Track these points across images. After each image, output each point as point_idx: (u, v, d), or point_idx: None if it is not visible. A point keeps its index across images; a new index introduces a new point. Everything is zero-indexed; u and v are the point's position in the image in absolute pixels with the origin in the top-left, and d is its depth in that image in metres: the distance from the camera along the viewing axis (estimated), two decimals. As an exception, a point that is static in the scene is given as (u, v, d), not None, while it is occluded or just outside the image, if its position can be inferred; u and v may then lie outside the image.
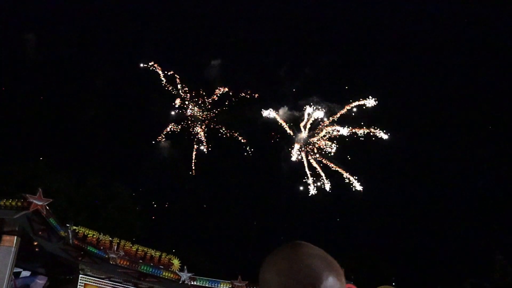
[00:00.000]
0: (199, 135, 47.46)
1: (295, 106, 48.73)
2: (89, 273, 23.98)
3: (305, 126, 47.99)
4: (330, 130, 48.01)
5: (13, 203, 19.64)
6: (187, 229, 45.88)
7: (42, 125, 45.84)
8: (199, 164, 46.50)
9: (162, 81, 46.57)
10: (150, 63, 46.37)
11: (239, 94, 48.20)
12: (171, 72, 46.69)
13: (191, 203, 46.45)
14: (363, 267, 40.42)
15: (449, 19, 55.49)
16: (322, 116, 48.11)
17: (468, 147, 52.22)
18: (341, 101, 48.50)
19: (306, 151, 48.12)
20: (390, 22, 56.66)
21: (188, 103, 47.43)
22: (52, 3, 50.22)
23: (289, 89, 50.51)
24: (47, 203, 20.44)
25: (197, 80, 49.92)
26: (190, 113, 47.60)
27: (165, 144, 46.78)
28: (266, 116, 47.48)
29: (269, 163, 51.63)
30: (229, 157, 48.68)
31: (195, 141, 47.22)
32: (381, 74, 55.94)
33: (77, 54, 50.19)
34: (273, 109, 47.77)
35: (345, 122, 48.42)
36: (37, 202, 19.85)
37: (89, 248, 23.72)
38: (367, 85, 52.29)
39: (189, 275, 26.92)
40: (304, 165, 48.19)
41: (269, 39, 55.75)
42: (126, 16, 52.27)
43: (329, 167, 47.92)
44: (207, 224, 46.93)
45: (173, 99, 47.29)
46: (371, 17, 57.66)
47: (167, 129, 46.52)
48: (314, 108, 47.80)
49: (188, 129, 47.49)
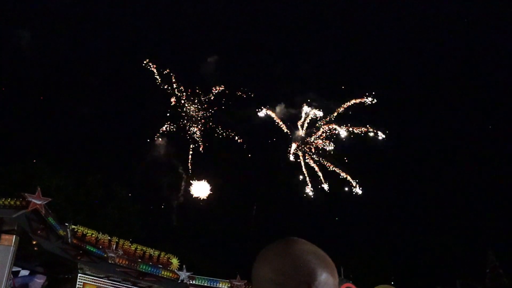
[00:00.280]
0: (195, 135, 47.46)
1: (292, 104, 48.80)
2: (87, 272, 23.95)
3: (303, 125, 48.04)
4: (327, 129, 48.05)
5: (12, 202, 19.63)
6: (185, 228, 45.89)
7: (41, 125, 45.83)
8: (195, 163, 46.46)
9: (157, 80, 46.57)
10: (145, 61, 46.32)
11: (236, 93, 48.20)
12: (167, 70, 46.69)
13: (188, 202, 46.44)
14: (362, 266, 40.45)
15: (448, 20, 55.53)
16: (319, 114, 48.19)
17: (464, 148, 52.37)
18: (338, 99, 48.58)
19: (303, 151, 48.16)
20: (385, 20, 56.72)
21: (184, 102, 47.41)
22: (48, 0, 50.03)
23: (286, 88, 50.55)
24: (46, 202, 20.44)
25: (194, 79, 50.01)
26: (186, 112, 47.61)
27: (161, 143, 46.70)
28: (262, 115, 47.57)
29: (267, 162, 51.67)
30: (226, 156, 48.59)
31: (190, 141, 47.23)
32: (380, 73, 56.03)
33: (75, 54, 50.19)
34: (270, 107, 47.86)
35: (343, 121, 48.53)
36: (36, 201, 19.84)
37: (88, 247, 23.72)
38: (364, 84, 52.41)
39: (188, 274, 26.93)
40: (301, 164, 48.30)
41: (266, 38, 55.84)
42: (125, 15, 52.26)
43: (327, 166, 47.98)
44: (206, 223, 46.93)
45: (169, 98, 47.34)
46: (369, 17, 57.74)
47: (163, 128, 46.46)
48: (311, 107, 47.88)
49: (184, 128, 47.52)
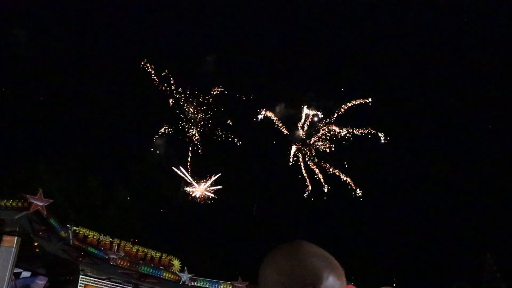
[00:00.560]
0: (194, 137, 47.45)
1: (292, 105, 48.78)
2: (89, 274, 23.97)
3: (303, 126, 48.04)
4: (327, 130, 48.03)
5: (14, 204, 19.65)
6: (187, 230, 45.86)
7: (42, 126, 45.84)
8: (195, 164, 46.38)
9: (155, 81, 46.62)
10: (143, 62, 46.36)
11: (235, 93, 48.20)
12: (166, 71, 46.73)
13: (189, 203, 46.41)
14: (364, 268, 40.40)
15: (448, 19, 55.58)
16: (319, 116, 48.18)
17: (464, 149, 52.34)
18: (338, 101, 48.57)
19: (303, 153, 48.14)
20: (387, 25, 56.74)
21: (183, 103, 47.44)
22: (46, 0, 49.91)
23: (286, 88, 50.54)
24: (47, 204, 20.45)
25: (192, 79, 50.03)
26: (185, 113, 47.64)
27: (161, 144, 46.60)
28: (261, 116, 47.56)
29: (268, 164, 51.61)
30: (225, 158, 48.49)
31: (191, 143, 47.20)
32: (380, 74, 55.98)
33: (75, 54, 50.16)
34: (269, 109, 47.89)
35: (343, 122, 48.51)
36: (37, 202, 19.86)
37: (89, 248, 23.73)
38: (364, 84, 52.40)
39: (190, 276, 26.91)
40: (301, 165, 48.25)
41: (265, 37, 55.83)
42: (123, 15, 52.20)
43: (327, 168, 47.96)
44: (208, 225, 46.93)
45: (167, 99, 47.36)
46: (369, 19, 57.75)
47: (162, 130, 46.40)
48: (311, 108, 47.88)
49: (183, 129, 47.52)
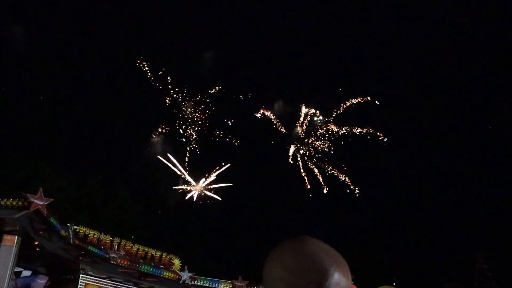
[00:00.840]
0: (191, 137, 47.43)
1: (290, 105, 48.77)
2: (89, 273, 23.99)
3: (301, 126, 48.03)
4: (325, 130, 48.03)
5: (14, 203, 19.65)
6: (187, 229, 45.88)
7: (42, 125, 45.83)
8: (193, 164, 46.33)
9: (151, 79, 46.62)
10: (139, 61, 46.32)
11: (233, 92, 48.20)
12: (163, 70, 46.74)
13: (190, 203, 46.42)
14: (364, 267, 40.39)
15: (448, 18, 55.54)
16: (318, 115, 48.18)
17: (461, 149, 52.37)
18: (337, 100, 48.57)
19: (302, 151, 48.14)
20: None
21: (180, 101, 47.42)
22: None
23: (284, 87, 50.52)
24: (47, 203, 20.45)
25: (190, 78, 50.01)
26: (182, 113, 47.58)
27: (159, 143, 46.50)
28: (260, 115, 47.54)
29: (267, 163, 51.59)
30: (223, 157, 48.44)
31: (187, 143, 47.16)
32: (378, 73, 56.03)
33: (73, 53, 50.14)
34: (268, 108, 47.87)
35: (341, 122, 48.52)
36: (37, 201, 19.86)
37: (89, 247, 23.73)
38: (363, 84, 52.40)
39: (190, 275, 26.93)
40: (300, 164, 48.25)
41: (263, 36, 55.75)
42: (121, 13, 52.01)
43: (325, 167, 47.96)
44: (208, 224, 46.95)
45: (165, 98, 47.33)
46: (368, 16, 57.63)
47: (159, 130, 46.35)
48: (310, 107, 47.87)
49: (181, 129, 47.47)
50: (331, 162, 47.83)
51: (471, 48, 54.24)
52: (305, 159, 48.23)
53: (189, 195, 45.07)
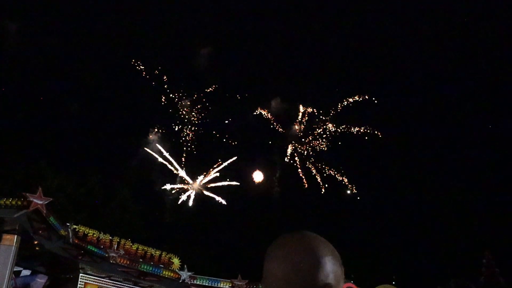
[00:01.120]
0: (187, 137, 47.40)
1: (288, 105, 48.77)
2: (89, 272, 24.00)
3: (299, 125, 48.04)
4: (323, 129, 48.06)
5: (13, 202, 19.64)
6: (187, 228, 45.87)
7: (42, 124, 45.82)
8: (189, 163, 46.27)
9: (150, 78, 46.65)
10: (135, 60, 46.36)
11: (229, 92, 48.20)
12: (158, 69, 46.71)
13: (188, 202, 46.39)
14: (363, 266, 40.43)
15: (447, 17, 55.55)
16: (316, 114, 48.21)
17: (463, 147, 52.40)
18: (335, 99, 48.58)
19: (300, 150, 48.17)
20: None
21: (176, 101, 47.39)
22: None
23: (282, 86, 50.50)
24: (47, 202, 20.44)
25: (186, 76, 49.99)
26: (179, 112, 47.56)
27: (154, 143, 46.35)
28: (257, 113, 47.53)
29: (264, 162, 51.48)
30: (221, 156, 48.36)
31: (184, 143, 47.12)
32: (377, 73, 55.98)
33: (72, 53, 50.01)
34: (265, 107, 47.90)
35: (339, 121, 48.54)
36: (37, 201, 19.85)
37: (89, 247, 23.73)
38: (361, 82, 52.41)
39: (189, 274, 26.93)
40: (298, 163, 48.27)
41: (261, 35, 55.59)
42: (117, 11, 51.84)
43: (323, 166, 47.98)
44: (207, 223, 46.93)
45: (161, 97, 47.27)
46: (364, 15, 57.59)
47: (155, 129, 46.26)
48: (307, 106, 47.89)
49: (176, 127, 47.43)
50: (329, 161, 47.89)
51: (470, 47, 54.31)
52: (303, 158, 48.28)
53: (186, 194, 44.99)
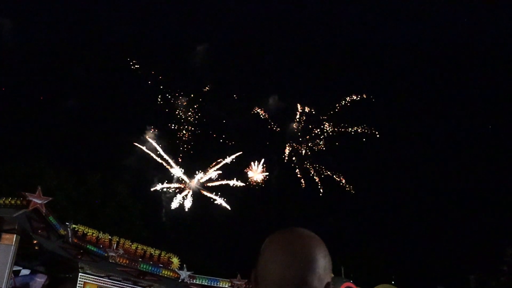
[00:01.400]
0: (184, 137, 47.33)
1: (286, 103, 48.74)
2: (88, 272, 23.98)
3: (297, 124, 48.03)
4: (320, 129, 48.08)
5: (13, 202, 19.64)
6: (186, 227, 45.88)
7: (41, 124, 45.78)
8: (186, 162, 46.16)
9: (146, 78, 46.63)
10: (131, 60, 46.30)
11: (226, 91, 48.16)
12: (156, 68, 46.72)
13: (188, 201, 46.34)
14: (362, 265, 40.45)
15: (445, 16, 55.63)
16: (313, 114, 48.22)
17: (467, 142, 52.40)
18: (332, 98, 48.57)
19: (298, 151, 48.17)
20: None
21: (172, 101, 47.32)
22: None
23: (280, 86, 50.46)
24: (46, 202, 20.44)
25: (182, 77, 49.92)
26: (175, 112, 47.48)
27: (151, 142, 46.25)
28: (255, 111, 47.51)
29: (262, 161, 51.42)
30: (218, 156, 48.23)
31: (180, 142, 47.06)
32: (375, 71, 55.99)
33: (70, 51, 49.92)
34: (262, 106, 47.88)
35: (337, 120, 48.53)
36: (36, 200, 19.84)
37: (88, 246, 23.73)
38: (359, 82, 52.42)
39: (189, 273, 26.94)
40: (296, 163, 48.27)
41: (258, 33, 55.53)
42: (113, 9, 51.78)
43: (321, 166, 47.99)
44: (207, 223, 46.93)
45: (157, 96, 47.20)
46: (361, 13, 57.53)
47: (152, 129, 46.16)
48: (304, 106, 47.91)
49: (173, 126, 47.38)
50: (327, 161, 47.90)
51: (469, 46, 54.31)
52: (301, 158, 48.29)
53: (183, 194, 44.90)
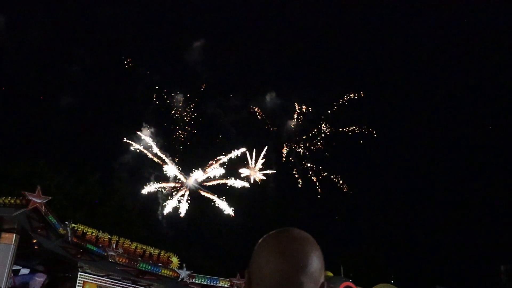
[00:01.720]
0: (180, 138, 47.31)
1: (283, 102, 48.71)
2: (88, 271, 23.98)
3: (294, 124, 48.06)
4: (318, 129, 48.10)
5: (12, 201, 19.64)
6: (185, 227, 45.86)
7: (41, 123, 45.76)
8: (183, 162, 46.08)
9: (143, 77, 46.65)
10: (125, 58, 46.33)
11: (222, 90, 48.13)
12: (152, 67, 46.77)
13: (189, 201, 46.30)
14: (362, 265, 40.47)
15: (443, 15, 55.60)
16: (310, 114, 48.22)
17: (465, 139, 52.48)
18: (329, 98, 48.56)
19: (295, 151, 48.17)
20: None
21: (168, 101, 47.30)
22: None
23: (277, 86, 50.36)
24: (46, 201, 20.45)
25: (179, 76, 49.90)
26: (171, 112, 47.46)
27: (148, 142, 46.15)
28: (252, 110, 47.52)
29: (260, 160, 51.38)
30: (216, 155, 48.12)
31: (177, 142, 47.04)
32: (373, 71, 56.02)
33: (69, 50, 49.92)
34: (260, 105, 47.89)
35: (334, 120, 48.53)
36: (36, 200, 19.85)
37: (88, 245, 23.74)
38: (358, 82, 52.37)
39: (188, 272, 26.95)
40: (294, 162, 48.27)
41: (255, 32, 55.53)
42: (108, 7, 51.58)
43: (319, 167, 48.00)
44: (206, 222, 46.91)
45: (152, 95, 47.17)
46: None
47: (147, 128, 46.12)
48: (302, 106, 47.92)
49: (169, 126, 47.39)
50: (325, 160, 47.91)
51: (469, 45, 54.37)
52: (298, 157, 48.31)
53: (179, 194, 44.81)
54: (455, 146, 53.07)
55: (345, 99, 48.32)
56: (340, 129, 48.29)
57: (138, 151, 43.52)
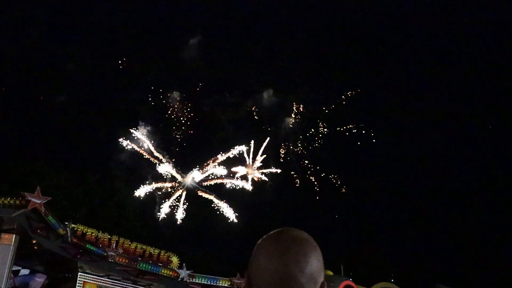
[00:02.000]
0: (177, 138, 47.23)
1: (280, 102, 48.66)
2: (88, 271, 23.98)
3: (291, 123, 48.03)
4: (316, 128, 48.09)
5: (12, 201, 19.61)
6: (185, 227, 45.80)
7: (40, 124, 45.72)
8: (180, 161, 46.00)
9: (141, 76, 46.63)
10: (122, 58, 46.29)
11: (220, 90, 48.09)
12: (150, 66, 46.72)
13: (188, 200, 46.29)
14: (362, 264, 40.49)
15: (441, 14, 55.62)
16: (308, 113, 48.22)
17: (463, 141, 52.49)
18: (327, 97, 48.53)
19: (293, 150, 48.15)
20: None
21: (164, 101, 47.23)
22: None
23: (275, 86, 50.25)
24: (45, 201, 20.41)
25: (175, 75, 49.83)
26: (168, 111, 47.36)
27: (145, 141, 46.00)
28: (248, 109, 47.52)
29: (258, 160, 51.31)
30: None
31: (173, 141, 46.99)
32: (371, 70, 55.94)
33: (67, 49, 49.79)
34: (258, 103, 47.89)
35: (332, 119, 48.51)
36: (35, 200, 19.82)
37: (87, 246, 23.72)
38: (356, 81, 52.33)
39: (188, 272, 26.94)
40: (293, 162, 48.25)
41: (253, 31, 55.43)
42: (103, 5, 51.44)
43: (317, 167, 47.98)
44: (206, 222, 46.88)
45: (148, 95, 47.16)
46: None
47: (144, 128, 46.02)
48: (299, 105, 47.92)
49: (166, 127, 47.31)
50: (323, 159, 47.87)
51: (467, 45, 54.37)
52: (297, 156, 48.28)
53: (177, 194, 44.74)
54: (454, 145, 53.10)
55: (343, 98, 48.35)
56: (338, 128, 48.29)
57: (136, 150, 43.47)
